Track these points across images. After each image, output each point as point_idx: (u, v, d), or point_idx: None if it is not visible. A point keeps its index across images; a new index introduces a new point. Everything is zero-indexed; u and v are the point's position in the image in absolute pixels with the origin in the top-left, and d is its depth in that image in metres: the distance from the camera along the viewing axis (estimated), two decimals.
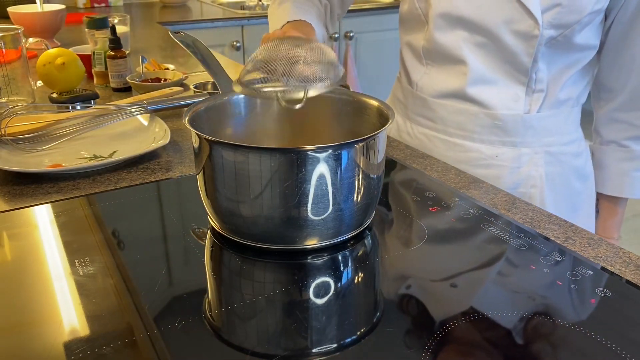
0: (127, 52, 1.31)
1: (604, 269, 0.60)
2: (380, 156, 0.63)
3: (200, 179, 0.63)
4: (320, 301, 0.55)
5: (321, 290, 0.56)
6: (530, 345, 0.49)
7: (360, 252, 0.63)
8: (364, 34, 2.72)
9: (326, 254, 0.62)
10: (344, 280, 0.59)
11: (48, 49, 1.23)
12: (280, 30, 0.87)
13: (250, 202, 0.59)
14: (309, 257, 0.61)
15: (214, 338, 0.50)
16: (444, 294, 0.56)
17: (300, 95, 0.62)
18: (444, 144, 0.93)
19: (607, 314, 0.53)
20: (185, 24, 2.29)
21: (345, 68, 2.73)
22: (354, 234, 0.64)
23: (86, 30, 1.30)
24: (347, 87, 1.06)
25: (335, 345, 0.49)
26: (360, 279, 0.60)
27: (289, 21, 0.87)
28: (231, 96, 0.73)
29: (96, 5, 2.47)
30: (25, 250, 0.63)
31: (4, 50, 1.09)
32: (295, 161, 0.56)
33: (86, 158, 0.87)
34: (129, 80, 1.23)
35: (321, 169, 0.57)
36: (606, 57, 0.90)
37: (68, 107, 0.98)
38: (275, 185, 0.57)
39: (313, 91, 0.62)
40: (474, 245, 0.65)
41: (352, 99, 0.73)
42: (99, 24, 1.28)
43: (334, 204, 0.59)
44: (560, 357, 0.48)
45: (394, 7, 2.70)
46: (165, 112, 1.05)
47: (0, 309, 0.53)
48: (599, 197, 0.99)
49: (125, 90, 1.25)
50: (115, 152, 0.89)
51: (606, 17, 0.86)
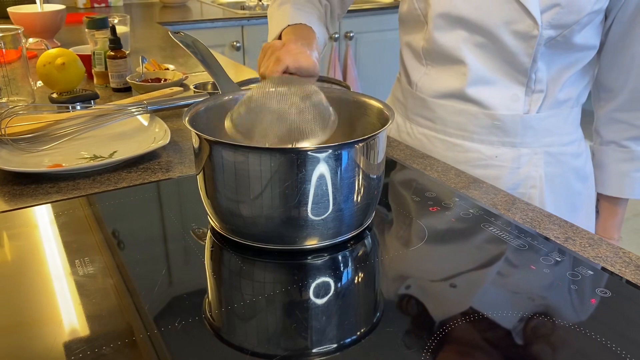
0: (127, 52, 1.31)
1: (604, 269, 0.60)
2: (380, 156, 0.63)
3: (200, 179, 0.63)
4: (320, 301, 0.55)
5: (321, 291, 0.56)
6: (530, 346, 0.49)
7: (360, 252, 0.63)
8: (364, 34, 2.72)
9: (326, 254, 0.62)
10: (344, 280, 0.59)
11: (48, 49, 1.23)
12: (280, 40, 0.84)
13: (250, 202, 0.59)
14: (309, 257, 0.61)
15: (214, 338, 0.50)
16: (444, 294, 0.56)
17: (290, 145, 0.63)
18: (444, 144, 0.94)
19: (607, 314, 0.53)
20: (185, 24, 2.29)
21: (345, 68, 2.73)
22: (354, 234, 0.64)
23: (86, 30, 1.29)
24: (347, 87, 1.06)
25: (335, 346, 0.49)
26: (360, 279, 0.60)
27: (289, 24, 0.87)
28: (231, 96, 0.73)
29: (96, 5, 2.47)
30: (25, 250, 0.63)
31: (4, 50, 1.09)
32: (295, 161, 0.56)
33: (86, 158, 0.87)
34: (129, 81, 1.23)
35: (321, 169, 0.57)
36: (606, 57, 0.90)
37: (68, 107, 0.98)
38: (275, 185, 0.57)
39: (301, 145, 0.63)
40: (473, 246, 0.65)
41: (352, 99, 0.73)
42: (99, 24, 1.27)
43: (334, 204, 0.59)
44: (560, 358, 0.48)
45: (394, 7, 2.70)
46: (165, 112, 1.05)
47: (0, 309, 0.53)
48: (599, 197, 0.99)
49: (125, 90, 1.25)
50: (115, 152, 0.89)
51: (606, 17, 0.86)
